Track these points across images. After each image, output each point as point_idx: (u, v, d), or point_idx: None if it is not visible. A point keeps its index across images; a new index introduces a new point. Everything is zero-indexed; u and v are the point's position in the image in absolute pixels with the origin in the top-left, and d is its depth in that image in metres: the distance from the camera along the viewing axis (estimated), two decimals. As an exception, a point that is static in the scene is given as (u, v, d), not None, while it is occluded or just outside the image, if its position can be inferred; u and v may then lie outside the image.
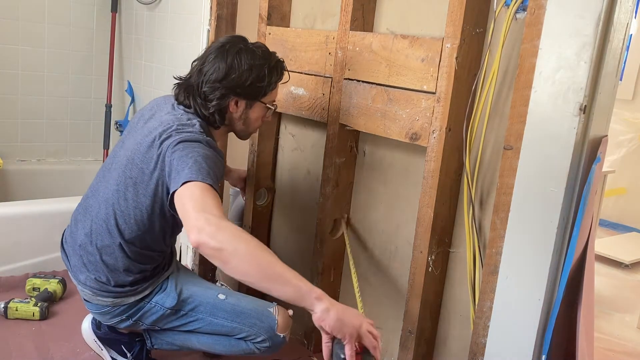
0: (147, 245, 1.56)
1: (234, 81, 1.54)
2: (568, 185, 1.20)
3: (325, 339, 1.27)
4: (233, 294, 1.67)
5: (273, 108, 1.67)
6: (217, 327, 1.60)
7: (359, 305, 1.58)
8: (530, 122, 1.25)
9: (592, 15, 1.14)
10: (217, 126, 1.60)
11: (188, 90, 1.57)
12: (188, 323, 1.61)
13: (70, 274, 1.64)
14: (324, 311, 1.23)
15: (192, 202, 1.30)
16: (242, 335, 1.60)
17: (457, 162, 1.52)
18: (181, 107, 1.58)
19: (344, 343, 1.23)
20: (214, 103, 1.54)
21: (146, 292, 1.59)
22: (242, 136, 1.71)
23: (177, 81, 1.62)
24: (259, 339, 1.60)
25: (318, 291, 1.24)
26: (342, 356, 1.22)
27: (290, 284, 1.23)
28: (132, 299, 1.58)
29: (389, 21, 1.70)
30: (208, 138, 1.49)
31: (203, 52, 1.61)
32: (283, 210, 2.18)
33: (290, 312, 1.67)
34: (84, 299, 1.63)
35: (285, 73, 1.68)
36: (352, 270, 1.71)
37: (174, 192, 1.36)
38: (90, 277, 1.56)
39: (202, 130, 1.51)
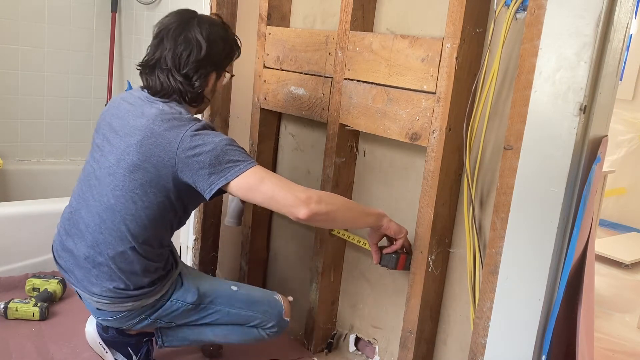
0: (160, 242, 1.56)
1: (214, 57, 1.54)
2: (568, 185, 1.20)
3: (375, 247, 1.60)
4: (242, 285, 1.74)
5: (232, 74, 1.70)
6: (234, 317, 1.65)
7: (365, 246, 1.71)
8: (530, 122, 1.25)
9: (592, 15, 1.14)
10: (195, 105, 1.58)
11: (163, 75, 1.51)
12: (207, 315, 1.64)
13: (76, 288, 1.58)
14: (388, 221, 1.55)
15: (270, 186, 1.41)
16: (256, 322, 1.67)
17: (457, 162, 1.52)
18: (156, 98, 1.52)
19: (399, 238, 1.56)
20: (198, 83, 1.53)
21: (164, 291, 1.58)
22: (202, 109, 1.67)
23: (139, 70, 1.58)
24: (269, 325, 1.68)
25: (381, 210, 1.56)
26: (394, 256, 1.58)
27: (370, 214, 1.53)
28: (151, 299, 1.56)
29: (389, 21, 1.70)
30: (205, 122, 1.50)
31: (158, 32, 1.54)
32: (283, 210, 2.17)
33: (290, 298, 1.77)
34: (97, 309, 1.58)
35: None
36: (353, 238, 1.79)
37: (226, 184, 1.41)
38: (108, 287, 1.51)
39: (193, 117, 1.50)
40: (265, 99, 2.06)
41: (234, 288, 1.69)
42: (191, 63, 1.51)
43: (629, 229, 4.34)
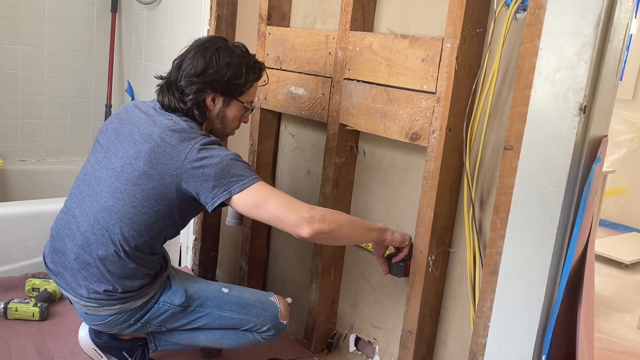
0: (152, 250, 1.55)
1: (210, 76, 1.54)
2: (568, 185, 1.20)
3: (382, 259, 1.64)
4: (234, 287, 1.69)
5: (251, 108, 1.67)
6: (225, 320, 1.62)
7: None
8: (531, 122, 1.25)
9: (592, 15, 1.14)
10: (199, 122, 1.58)
11: (168, 87, 1.57)
12: (197, 319, 1.62)
13: (66, 292, 1.57)
14: (391, 234, 1.56)
15: (275, 205, 1.42)
16: (249, 326, 1.63)
17: (457, 162, 1.52)
18: (168, 111, 1.56)
19: (404, 246, 1.59)
20: (190, 97, 1.54)
21: (152, 294, 1.57)
22: (220, 136, 1.67)
23: (160, 81, 1.62)
24: (264, 329, 1.64)
25: (382, 225, 1.57)
26: (402, 264, 1.61)
27: (372, 229, 1.53)
28: (139, 302, 1.55)
29: (389, 21, 1.70)
30: (214, 138, 1.51)
31: (184, 50, 1.60)
32: (283, 210, 2.17)
33: (289, 299, 1.73)
34: (85, 313, 1.57)
35: (264, 74, 1.67)
36: None
37: (229, 198, 1.42)
38: (95, 289, 1.51)
39: (203, 132, 1.52)
40: (265, 98, 2.06)
41: (225, 290, 1.65)
42: (186, 78, 1.53)
43: (629, 229, 4.34)
